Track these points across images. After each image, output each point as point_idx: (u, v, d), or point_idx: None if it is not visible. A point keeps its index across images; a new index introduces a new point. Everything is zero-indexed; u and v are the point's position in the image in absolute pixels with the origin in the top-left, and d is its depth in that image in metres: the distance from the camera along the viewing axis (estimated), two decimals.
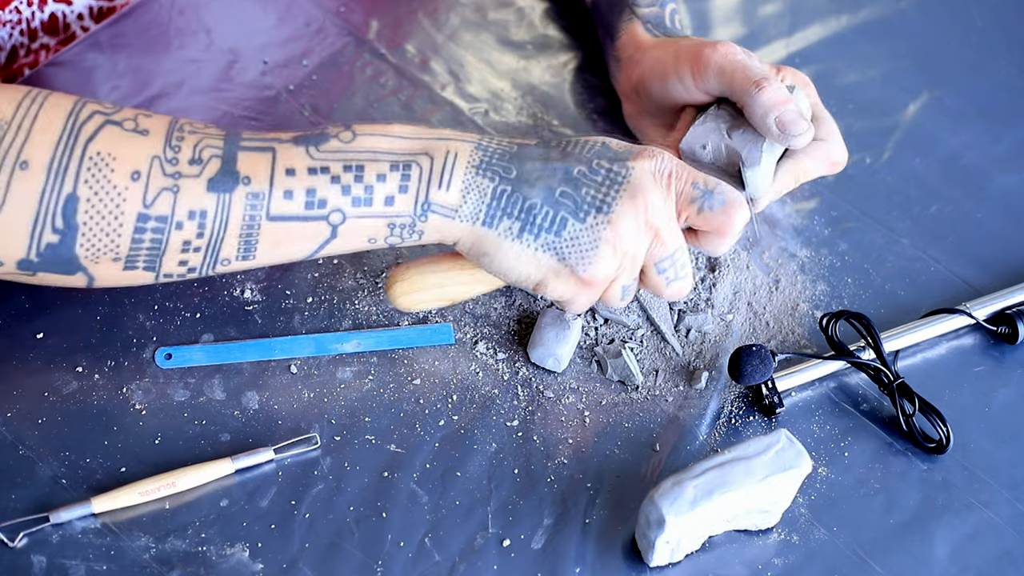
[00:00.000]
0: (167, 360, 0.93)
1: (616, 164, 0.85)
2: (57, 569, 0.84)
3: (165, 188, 0.81)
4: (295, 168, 0.82)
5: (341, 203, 0.83)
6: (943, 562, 0.89)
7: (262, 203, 0.82)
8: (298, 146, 0.83)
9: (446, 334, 0.97)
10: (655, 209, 0.85)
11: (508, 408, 0.94)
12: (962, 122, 1.14)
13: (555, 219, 0.84)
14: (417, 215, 0.84)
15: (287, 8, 1.15)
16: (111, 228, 0.81)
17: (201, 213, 0.81)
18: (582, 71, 1.14)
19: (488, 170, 0.84)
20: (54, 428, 0.90)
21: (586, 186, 0.84)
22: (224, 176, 0.81)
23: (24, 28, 1.10)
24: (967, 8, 1.23)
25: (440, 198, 0.84)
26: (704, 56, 0.95)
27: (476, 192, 0.84)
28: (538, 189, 0.84)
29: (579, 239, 0.84)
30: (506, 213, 0.84)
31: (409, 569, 0.86)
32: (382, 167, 0.83)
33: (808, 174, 0.96)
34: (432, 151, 0.84)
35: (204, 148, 0.82)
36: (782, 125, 0.91)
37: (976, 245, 1.06)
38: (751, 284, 1.01)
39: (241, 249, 0.84)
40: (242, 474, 0.89)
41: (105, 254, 0.82)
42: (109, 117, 0.81)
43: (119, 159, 0.80)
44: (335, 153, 0.83)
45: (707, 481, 0.84)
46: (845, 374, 0.97)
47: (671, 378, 0.96)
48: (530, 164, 0.85)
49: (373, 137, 0.84)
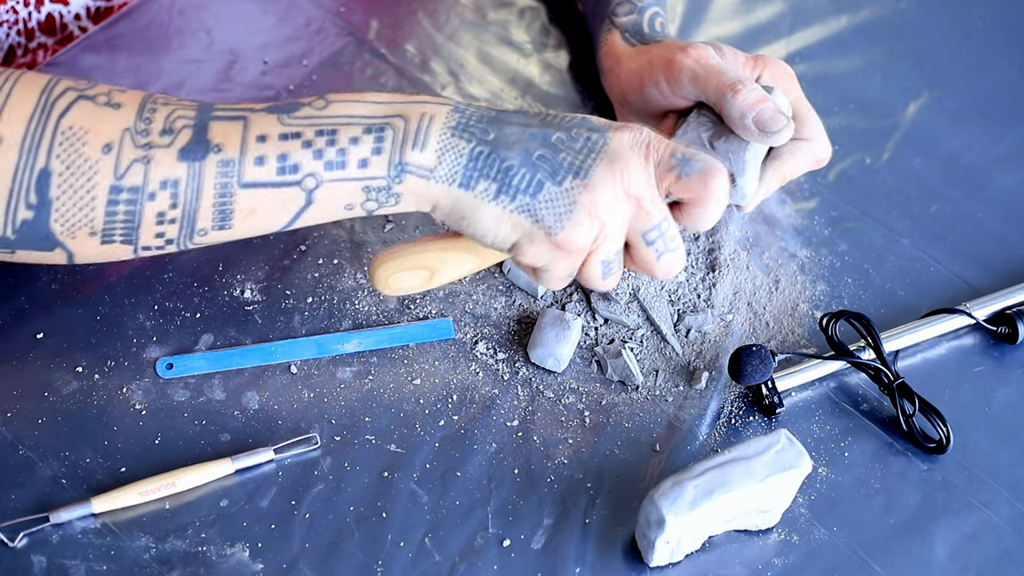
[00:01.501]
0: (168, 370, 0.93)
1: (595, 133, 0.84)
2: (57, 569, 0.84)
3: (136, 159, 0.80)
4: (267, 135, 0.82)
5: (314, 167, 0.82)
6: (943, 562, 0.89)
7: (234, 170, 0.81)
8: (271, 114, 0.83)
9: (446, 329, 0.97)
10: (634, 178, 0.83)
11: (508, 408, 0.94)
12: (962, 122, 1.14)
13: (532, 181, 0.83)
14: (392, 177, 0.83)
15: (287, 8, 1.15)
16: (84, 202, 0.80)
17: (173, 183, 0.81)
18: (581, 71, 1.14)
19: (465, 131, 0.83)
20: (54, 428, 0.90)
21: (564, 151, 0.83)
22: (195, 145, 0.81)
23: (21, 28, 1.10)
24: (967, 8, 1.23)
25: (415, 159, 0.82)
26: (676, 63, 0.95)
27: (453, 153, 0.83)
28: (516, 151, 0.83)
29: (555, 201, 0.83)
30: (483, 174, 0.83)
31: (409, 569, 0.86)
32: (355, 131, 0.82)
33: (794, 173, 0.96)
34: (407, 114, 0.83)
35: (176, 119, 0.81)
36: (761, 124, 0.90)
37: (976, 245, 1.06)
38: (751, 284, 1.01)
39: (216, 218, 0.83)
40: (242, 474, 0.89)
41: (81, 228, 0.81)
42: (82, 92, 0.81)
43: (91, 132, 0.80)
44: (308, 119, 0.82)
45: (707, 481, 0.84)
46: (845, 374, 0.97)
47: (671, 378, 0.96)
48: (508, 128, 0.84)
49: (346, 103, 0.83)
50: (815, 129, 0.95)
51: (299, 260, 1.00)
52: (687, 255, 1.01)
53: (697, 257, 1.01)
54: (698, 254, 1.02)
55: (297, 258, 1.00)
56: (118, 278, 0.97)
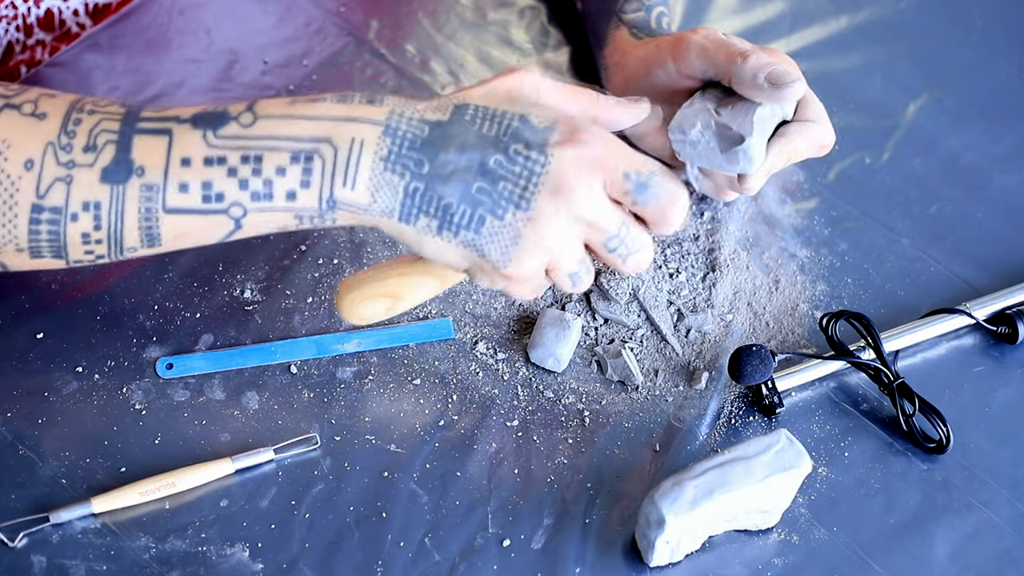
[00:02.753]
0: (168, 370, 0.93)
1: (535, 151, 0.78)
2: (57, 569, 0.84)
3: (59, 178, 0.78)
4: (190, 157, 0.78)
5: (240, 197, 0.79)
6: (943, 562, 0.89)
7: (157, 195, 0.79)
8: (196, 129, 0.79)
9: (446, 329, 0.97)
10: (579, 202, 0.78)
11: (508, 408, 0.94)
12: (962, 122, 1.14)
13: (473, 217, 0.79)
14: (324, 210, 0.80)
15: (287, 8, 1.15)
16: (7, 219, 0.78)
17: (95, 205, 0.78)
18: (581, 71, 1.14)
19: (398, 163, 0.78)
20: (54, 428, 0.90)
21: (503, 180, 0.78)
22: (117, 166, 0.78)
23: (20, 24, 1.10)
24: (967, 8, 1.23)
25: (346, 196, 0.79)
26: (685, 40, 0.94)
27: (387, 189, 0.79)
28: (452, 186, 0.78)
29: (498, 235, 0.79)
30: (422, 211, 0.79)
31: (409, 569, 0.86)
32: (282, 157, 0.78)
33: (799, 153, 0.95)
34: (336, 139, 0.78)
35: (100, 132, 0.79)
36: (774, 78, 0.89)
37: (976, 245, 1.06)
38: (751, 284, 1.01)
39: (144, 240, 0.80)
40: (242, 474, 0.89)
41: (7, 244, 0.79)
42: (9, 100, 0.79)
43: (13, 147, 0.78)
44: (233, 140, 0.79)
45: (707, 481, 0.84)
46: (845, 374, 0.97)
47: (671, 378, 0.96)
48: (444, 155, 0.78)
49: (274, 120, 0.79)
50: (820, 113, 0.95)
51: (299, 260, 1.00)
52: (687, 255, 1.01)
53: (697, 257, 1.01)
54: (698, 254, 1.02)
55: (297, 258, 1.00)
56: (118, 278, 0.97)
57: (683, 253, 1.02)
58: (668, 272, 1.00)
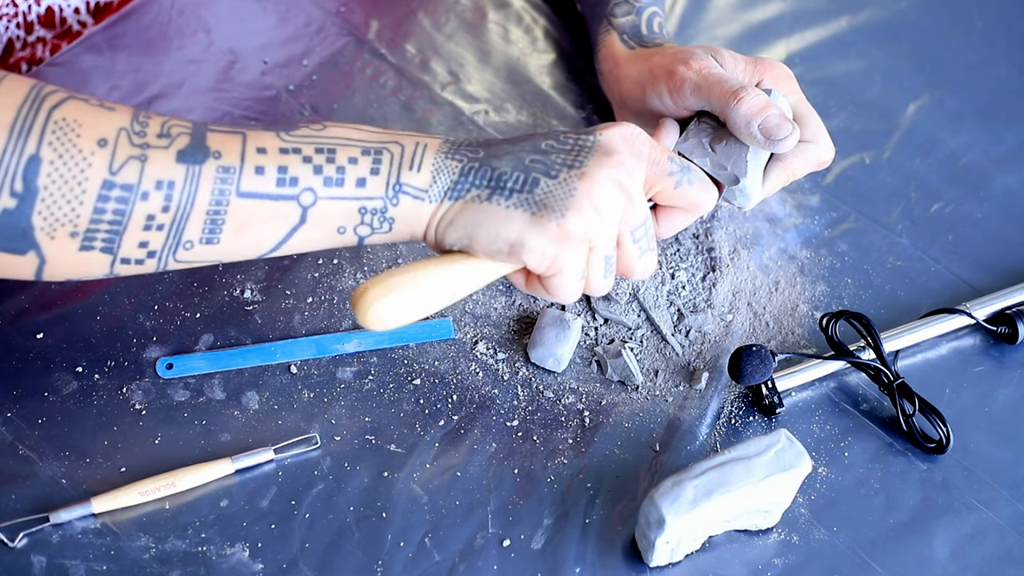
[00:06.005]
0: (168, 370, 0.93)
1: (583, 136, 0.85)
2: (57, 569, 0.84)
3: (132, 156, 0.78)
4: (266, 147, 0.81)
5: (313, 182, 0.81)
6: (943, 562, 0.89)
7: (233, 177, 0.80)
8: (268, 131, 0.82)
9: (446, 329, 0.97)
10: (627, 170, 0.84)
11: (508, 408, 0.94)
12: (962, 122, 1.14)
13: (527, 180, 0.83)
14: (389, 197, 0.83)
15: (287, 8, 1.15)
16: (73, 195, 0.77)
17: (169, 184, 0.78)
18: (581, 71, 1.14)
19: (457, 154, 0.84)
20: (54, 428, 0.90)
21: (556, 152, 0.84)
22: (194, 149, 0.79)
23: (20, 21, 1.10)
24: (967, 8, 1.23)
25: (411, 179, 0.83)
26: (678, 75, 0.95)
27: (446, 172, 0.84)
28: (506, 160, 0.84)
29: (553, 191, 0.83)
30: (473, 184, 0.83)
31: (409, 569, 0.86)
32: (353, 151, 0.83)
33: (798, 174, 0.96)
34: (402, 141, 0.84)
35: (172, 126, 0.80)
36: (766, 131, 0.90)
37: (976, 245, 1.06)
38: (751, 284, 1.01)
39: (206, 229, 0.80)
40: (242, 474, 0.89)
41: (63, 226, 0.77)
42: (72, 95, 0.79)
43: (85, 126, 0.77)
44: (306, 137, 0.83)
45: (707, 481, 0.84)
46: (845, 374, 0.97)
47: (671, 378, 0.96)
48: (497, 147, 0.85)
49: (343, 128, 0.84)
50: (817, 130, 0.95)
51: (299, 260, 1.00)
52: (687, 255, 1.01)
53: (697, 257, 1.01)
54: (698, 254, 1.02)
55: (297, 258, 1.00)
56: (118, 278, 0.97)
57: (683, 253, 1.02)
58: (668, 272, 1.01)
